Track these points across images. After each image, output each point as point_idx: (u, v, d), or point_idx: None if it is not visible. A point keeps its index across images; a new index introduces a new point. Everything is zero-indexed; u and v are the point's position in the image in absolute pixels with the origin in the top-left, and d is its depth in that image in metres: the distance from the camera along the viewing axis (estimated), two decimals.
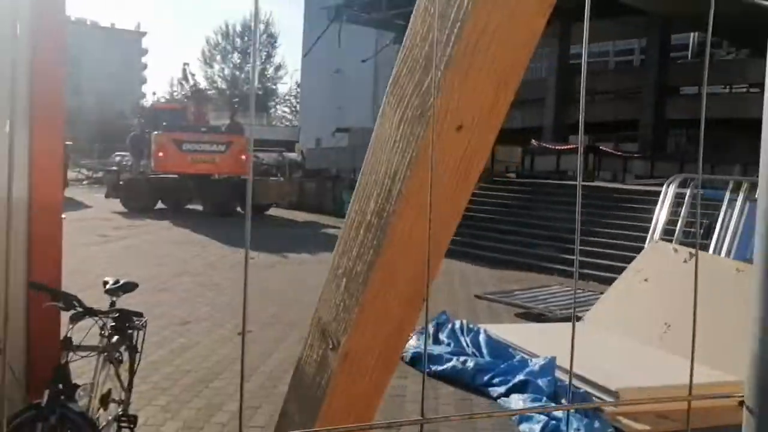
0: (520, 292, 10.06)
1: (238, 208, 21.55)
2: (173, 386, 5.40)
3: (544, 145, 19.33)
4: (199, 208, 21.57)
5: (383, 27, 30.87)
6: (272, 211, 22.65)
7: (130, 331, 3.76)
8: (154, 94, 37.62)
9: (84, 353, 3.33)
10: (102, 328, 3.47)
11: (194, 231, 16.63)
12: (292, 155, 36.43)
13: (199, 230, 16.63)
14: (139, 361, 3.90)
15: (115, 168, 23.00)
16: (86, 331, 3.40)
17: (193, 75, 25.96)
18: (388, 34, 31.44)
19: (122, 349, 3.69)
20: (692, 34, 27.64)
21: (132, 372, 3.88)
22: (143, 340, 3.87)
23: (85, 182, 33.12)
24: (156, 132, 20.18)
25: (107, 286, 3.75)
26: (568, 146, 19.80)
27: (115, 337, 3.59)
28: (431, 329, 6.94)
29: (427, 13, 0.74)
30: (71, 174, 32.91)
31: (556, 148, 19.06)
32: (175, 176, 20.86)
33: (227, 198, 20.73)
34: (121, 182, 21.20)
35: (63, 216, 4.23)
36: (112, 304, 3.67)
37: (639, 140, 23.23)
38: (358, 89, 41.86)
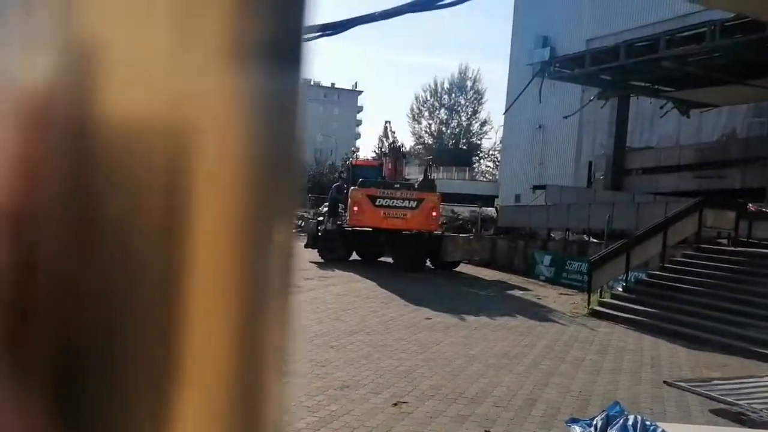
0: (720, 382, 8.75)
1: (428, 263, 21.68)
2: None
3: (764, 209, 17.14)
4: (391, 260, 21.97)
5: (587, 82, 29.87)
6: (461, 268, 22.50)
7: None
8: (353, 150, 39.67)
9: None
10: None
11: (380, 285, 16.88)
12: (490, 210, 36.22)
13: (385, 285, 16.84)
14: None
15: (313, 219, 24.18)
16: None
17: (393, 132, 26.84)
18: (593, 90, 30.39)
19: None
20: None
21: None
22: None
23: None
24: (353, 188, 21.01)
25: None
26: None
27: None
28: (599, 422, 6.19)
29: None
30: None
31: None
32: (369, 230, 21.49)
33: (416, 253, 20.92)
34: (319, 233, 22.27)
35: None
36: None
37: None
38: (560, 145, 40.79)
